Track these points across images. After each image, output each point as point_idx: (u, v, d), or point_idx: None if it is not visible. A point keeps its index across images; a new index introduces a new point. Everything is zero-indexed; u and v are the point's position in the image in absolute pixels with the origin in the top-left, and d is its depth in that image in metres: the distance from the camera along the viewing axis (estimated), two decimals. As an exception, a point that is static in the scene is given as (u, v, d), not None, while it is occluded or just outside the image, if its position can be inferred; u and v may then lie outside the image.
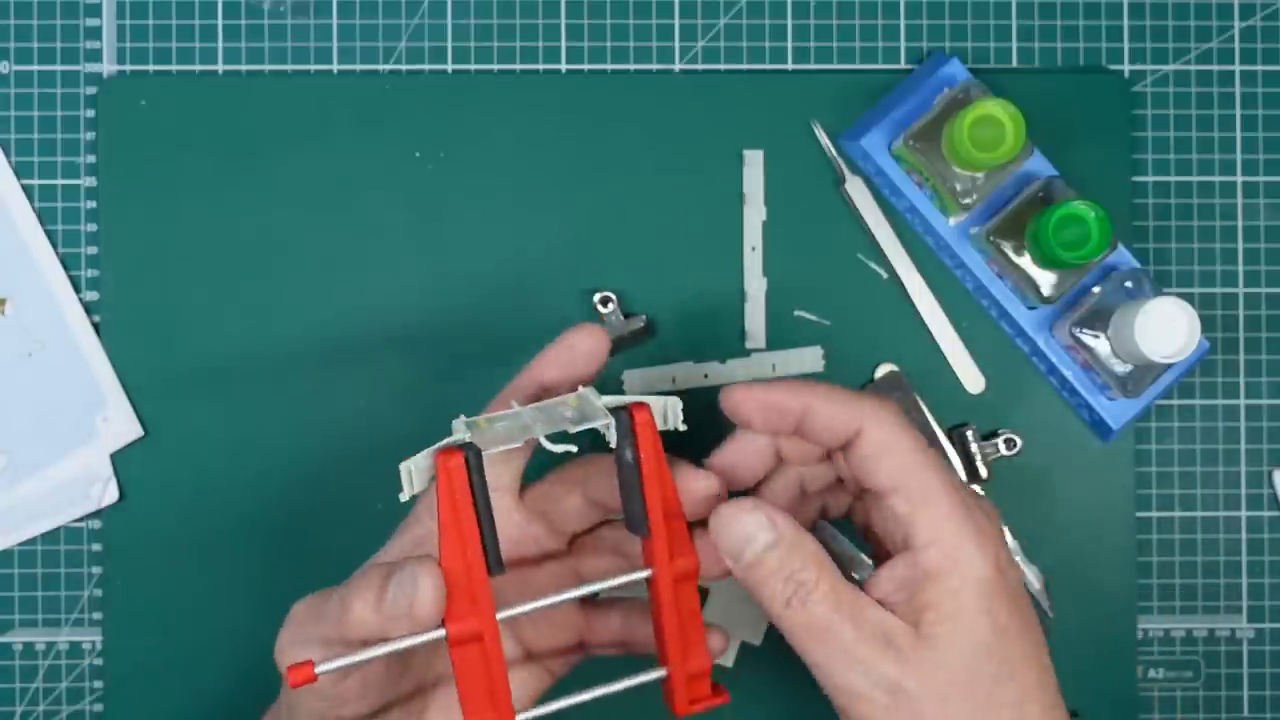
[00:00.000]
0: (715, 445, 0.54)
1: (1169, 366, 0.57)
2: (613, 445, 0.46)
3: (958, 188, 0.57)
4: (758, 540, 0.44)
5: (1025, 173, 0.57)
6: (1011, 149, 0.54)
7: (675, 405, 0.47)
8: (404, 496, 0.44)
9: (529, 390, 0.48)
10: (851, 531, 0.52)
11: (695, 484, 0.46)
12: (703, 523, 0.46)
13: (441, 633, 0.43)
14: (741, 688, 0.60)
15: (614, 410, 0.45)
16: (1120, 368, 0.57)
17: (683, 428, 0.47)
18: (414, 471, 0.44)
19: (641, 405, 0.45)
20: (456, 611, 0.43)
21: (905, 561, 0.43)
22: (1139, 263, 0.59)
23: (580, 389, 0.47)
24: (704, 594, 0.60)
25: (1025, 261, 0.57)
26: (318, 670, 0.41)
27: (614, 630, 0.51)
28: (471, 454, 0.43)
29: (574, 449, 0.45)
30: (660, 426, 0.46)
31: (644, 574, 0.46)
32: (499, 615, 0.44)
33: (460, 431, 0.45)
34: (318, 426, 0.60)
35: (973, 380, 0.61)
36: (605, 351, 0.48)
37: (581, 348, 0.48)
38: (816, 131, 0.60)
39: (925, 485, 0.44)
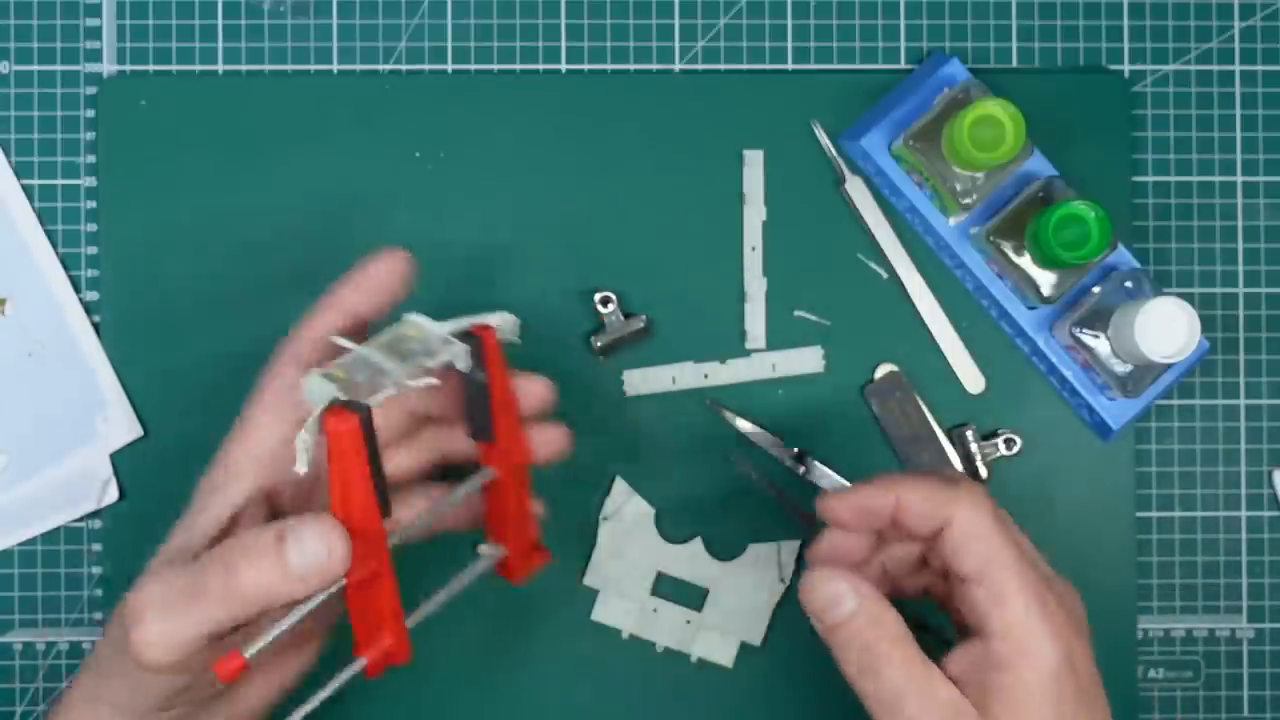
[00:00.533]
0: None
1: (1169, 366, 0.57)
2: (463, 369, 0.48)
3: (958, 188, 0.57)
4: (842, 606, 0.46)
5: (1025, 173, 0.57)
6: (1011, 149, 0.54)
7: (511, 321, 0.50)
8: (301, 469, 0.44)
9: (338, 324, 0.49)
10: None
11: (531, 387, 0.51)
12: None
13: (343, 582, 0.44)
14: (741, 688, 0.60)
15: (462, 336, 0.48)
16: (1120, 368, 0.57)
17: (518, 341, 0.50)
18: (307, 443, 0.44)
19: (487, 328, 0.49)
20: (355, 557, 0.44)
21: (979, 647, 0.45)
22: (1139, 263, 0.59)
23: (408, 318, 0.49)
24: (704, 594, 0.60)
25: (1025, 261, 0.57)
26: (248, 654, 0.42)
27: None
28: (364, 414, 0.43)
29: (436, 382, 0.47)
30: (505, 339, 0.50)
31: (490, 474, 0.50)
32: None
33: (320, 386, 0.45)
34: (318, 426, 0.60)
35: (973, 380, 0.61)
36: (410, 273, 0.50)
37: (380, 275, 0.50)
38: (816, 131, 0.60)
39: (1005, 578, 0.45)
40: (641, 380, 0.60)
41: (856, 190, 0.60)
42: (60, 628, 0.60)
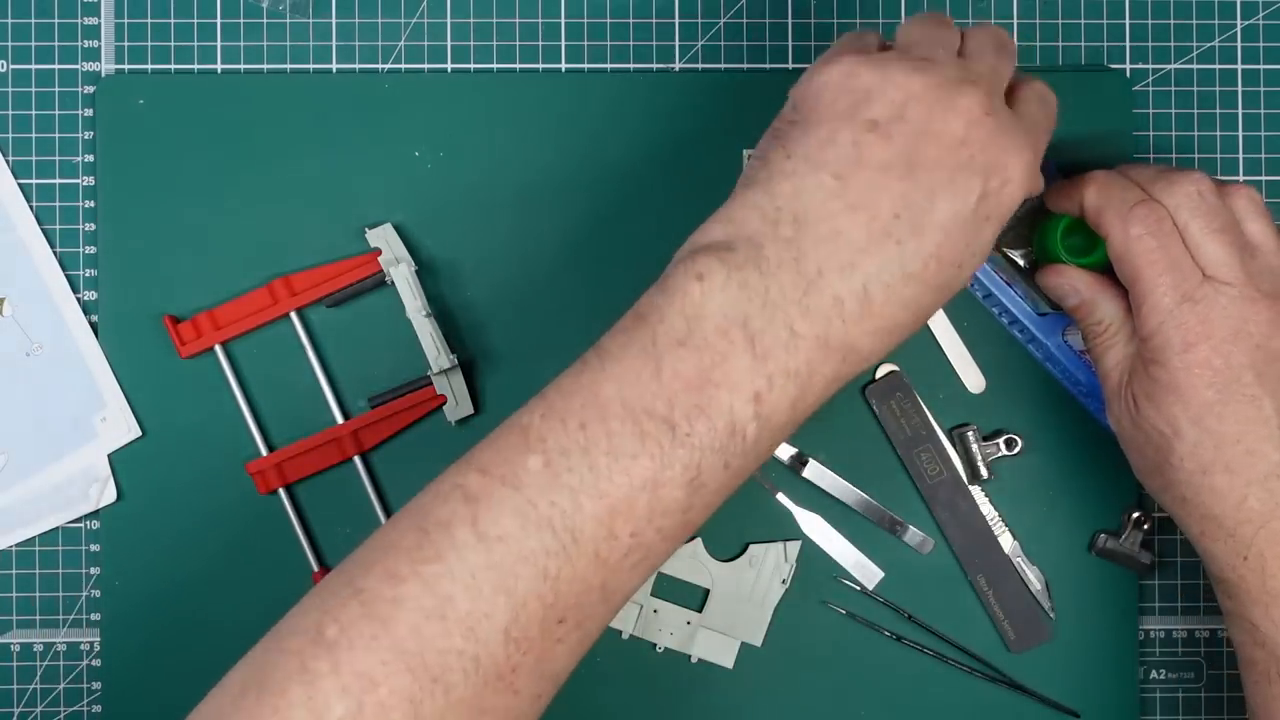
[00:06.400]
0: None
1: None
2: None
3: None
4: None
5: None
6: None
7: None
8: None
9: None
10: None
11: None
12: None
13: None
14: (741, 688, 0.60)
15: None
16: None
17: None
18: None
19: None
20: None
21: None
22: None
23: None
24: (704, 594, 0.60)
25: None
26: None
27: None
28: None
29: None
30: None
31: None
32: None
33: None
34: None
35: (974, 379, 0.61)
36: None
37: None
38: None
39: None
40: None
41: (857, 190, 0.60)
42: (58, 629, 0.60)
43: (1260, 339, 0.49)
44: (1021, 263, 0.57)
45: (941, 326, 0.61)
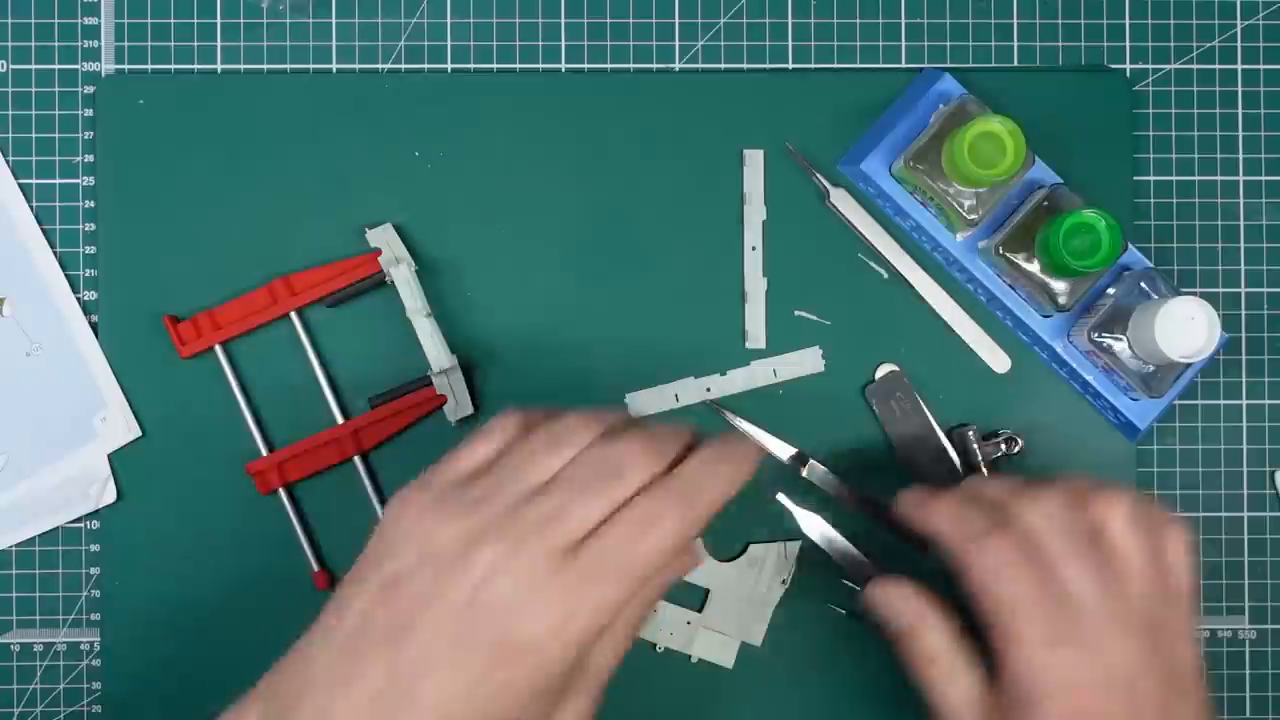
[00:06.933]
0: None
1: (1191, 364, 0.57)
2: None
3: (963, 204, 0.57)
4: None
5: (1029, 181, 0.57)
6: (1012, 165, 0.54)
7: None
8: None
9: None
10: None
11: None
12: None
13: None
14: (741, 688, 0.60)
15: None
16: (1142, 368, 0.57)
17: None
18: None
19: None
20: None
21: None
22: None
23: None
24: (704, 594, 0.60)
25: (1037, 270, 0.57)
26: None
27: None
28: None
29: None
30: None
31: None
32: None
33: None
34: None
35: (998, 361, 0.61)
36: None
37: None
38: (791, 152, 0.60)
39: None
40: (644, 401, 0.60)
41: (843, 201, 0.60)
42: (58, 629, 0.60)
43: (1129, 679, 0.45)
44: (1024, 264, 0.57)
45: (956, 315, 0.60)
